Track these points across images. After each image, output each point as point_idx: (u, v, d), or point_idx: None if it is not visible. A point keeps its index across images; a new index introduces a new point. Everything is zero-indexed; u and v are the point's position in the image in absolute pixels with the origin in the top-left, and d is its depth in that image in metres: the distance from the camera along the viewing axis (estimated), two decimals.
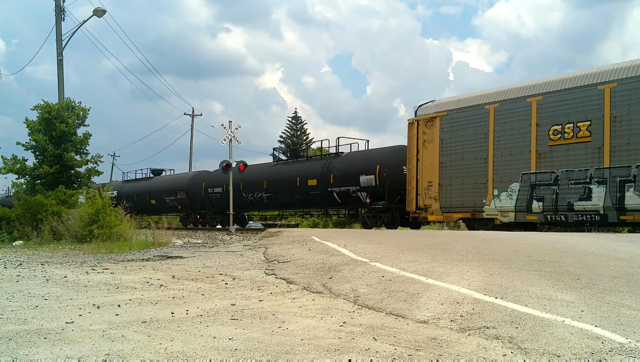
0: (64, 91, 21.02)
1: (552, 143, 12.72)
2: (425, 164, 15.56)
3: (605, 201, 11.71)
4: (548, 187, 12.73)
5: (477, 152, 14.32)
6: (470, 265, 6.13)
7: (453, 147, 14.90)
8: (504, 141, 13.76)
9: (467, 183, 14.49)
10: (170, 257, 9.90)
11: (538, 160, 12.93)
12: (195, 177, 27.29)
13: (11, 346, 3.65)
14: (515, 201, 13.38)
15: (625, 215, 11.37)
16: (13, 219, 17.84)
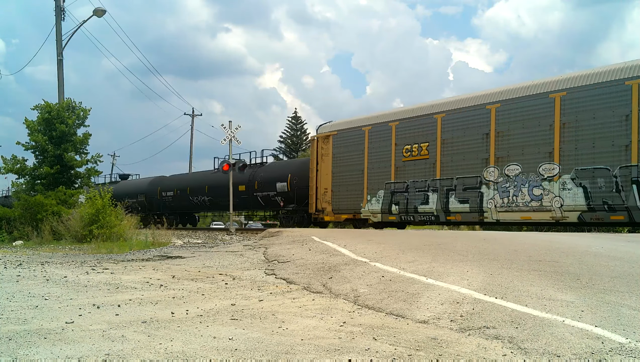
0: (64, 91, 21.05)
1: (404, 159, 16.11)
2: (323, 174, 18.65)
3: (437, 205, 15.01)
4: (402, 194, 16.08)
5: (357, 165, 17.54)
6: (470, 265, 6.13)
7: (342, 161, 18.13)
8: (374, 157, 17.04)
9: (350, 190, 17.76)
10: (170, 257, 9.91)
11: (396, 172, 16.33)
12: (153, 182, 30.34)
13: (11, 346, 3.65)
14: (381, 205, 16.65)
15: (450, 216, 14.80)
16: (13, 219, 17.85)
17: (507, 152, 13.63)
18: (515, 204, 13.35)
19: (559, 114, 12.58)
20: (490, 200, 13.85)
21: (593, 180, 12.08)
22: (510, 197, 13.49)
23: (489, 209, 13.91)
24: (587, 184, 12.19)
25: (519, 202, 13.29)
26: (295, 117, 53.13)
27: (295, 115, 53.47)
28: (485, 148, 14.07)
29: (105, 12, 21.53)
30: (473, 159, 14.32)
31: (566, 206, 12.47)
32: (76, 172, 19.27)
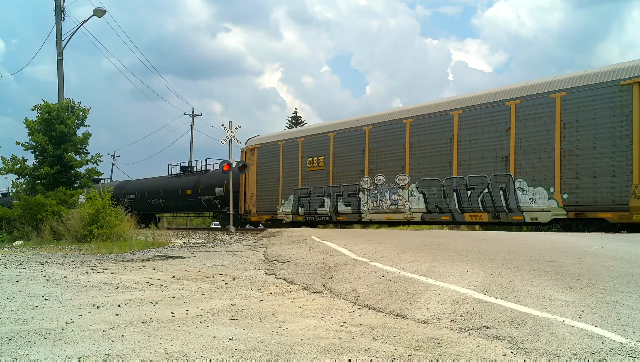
0: (64, 91, 21.05)
1: (308, 169, 19.14)
2: (250, 181, 21.74)
3: (330, 208, 18.22)
4: (306, 198, 19.14)
5: (274, 173, 20.67)
6: (470, 265, 6.13)
7: (264, 170, 21.22)
8: (287, 167, 20.11)
9: (270, 195, 20.83)
10: (170, 257, 9.91)
11: (302, 180, 19.40)
12: (119, 185, 32.75)
13: (11, 346, 3.65)
14: (291, 207, 19.76)
15: (339, 216, 18.06)
16: (13, 219, 17.85)
17: (376, 165, 16.94)
18: (381, 207, 16.58)
19: (409, 136, 16.03)
20: (365, 203, 17.01)
21: (429, 188, 15.36)
22: (377, 202, 16.73)
23: (364, 211, 17.04)
24: (426, 192, 15.49)
25: (383, 206, 16.52)
26: (295, 117, 53.15)
27: (295, 115, 53.49)
28: (362, 162, 17.30)
29: (105, 12, 21.53)
30: (354, 171, 17.56)
31: (413, 208, 15.70)
32: (76, 173, 19.27)
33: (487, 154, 14.01)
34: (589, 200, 12.17)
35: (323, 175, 18.50)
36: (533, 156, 13.12)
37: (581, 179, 12.30)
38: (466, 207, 14.46)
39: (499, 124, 13.77)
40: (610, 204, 11.81)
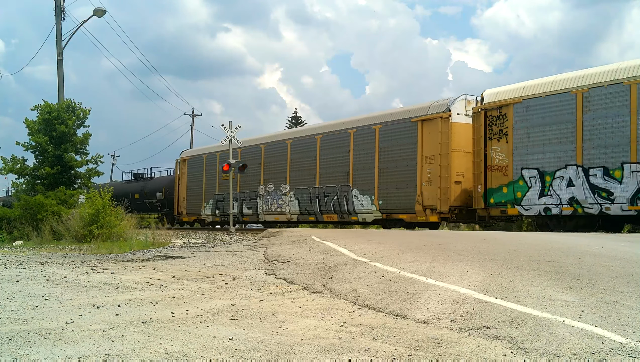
0: (64, 91, 21.04)
1: (222, 179, 23.06)
2: (182, 187, 26.79)
3: (238, 210, 22.45)
4: (221, 202, 23.85)
5: (199, 181, 25.64)
6: (470, 265, 6.13)
7: (192, 178, 26.24)
8: (208, 176, 25.02)
9: (196, 199, 25.79)
10: (170, 257, 9.90)
11: (218, 187, 24.22)
12: None
13: (11, 346, 3.65)
14: (211, 209, 24.56)
15: (244, 217, 22.90)
16: (13, 219, 17.84)
17: (268, 176, 21.33)
18: (271, 210, 21.04)
19: (289, 154, 20.53)
20: (261, 207, 21.55)
21: (302, 195, 19.64)
22: (269, 205, 21.12)
23: (260, 213, 21.60)
24: (299, 198, 19.71)
25: (273, 209, 20.95)
26: (296, 117, 53.14)
27: (295, 115, 53.49)
28: (259, 173, 21.72)
29: (105, 12, 21.50)
30: (254, 180, 22.01)
31: (292, 211, 20.01)
32: (76, 173, 19.27)
33: (337, 169, 18.36)
34: (394, 205, 16.37)
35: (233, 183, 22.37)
36: (363, 172, 17.41)
37: (389, 190, 16.60)
38: (324, 210, 18.77)
39: (344, 147, 18.19)
40: (405, 208, 16.06)
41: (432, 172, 15.28)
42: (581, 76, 12.61)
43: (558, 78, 13.13)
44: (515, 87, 13.96)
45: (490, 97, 14.23)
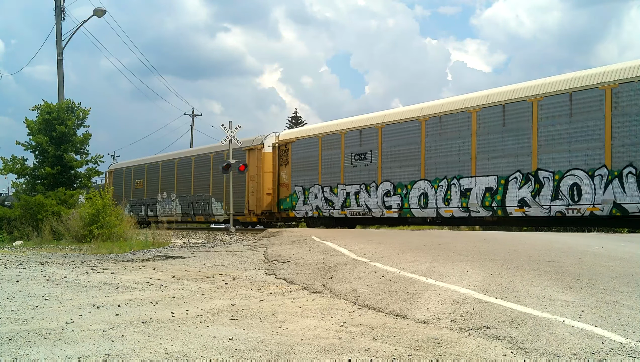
0: (64, 91, 21.03)
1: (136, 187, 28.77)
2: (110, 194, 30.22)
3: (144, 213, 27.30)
4: (134, 206, 28.03)
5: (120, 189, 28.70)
6: (471, 265, 6.13)
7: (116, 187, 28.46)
8: (126, 185, 29.14)
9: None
10: (170, 257, 9.90)
11: (132, 194, 28.78)
12: None
13: (11, 346, 3.65)
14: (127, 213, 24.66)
15: (148, 218, 26.80)
16: (13, 219, 17.84)
17: (164, 186, 26.74)
18: (165, 212, 26.04)
19: (176, 170, 26.10)
20: (159, 210, 26.56)
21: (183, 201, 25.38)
22: (164, 209, 26.30)
23: (159, 215, 26.27)
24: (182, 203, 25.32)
25: (166, 211, 26.01)
26: (296, 117, 53.14)
27: (295, 115, 53.50)
28: (158, 183, 26.91)
29: (105, 12, 21.50)
30: (155, 189, 27.27)
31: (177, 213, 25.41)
32: (76, 173, 19.27)
33: (204, 183, 24.10)
34: (234, 210, 20.03)
35: (142, 191, 28.25)
36: (217, 185, 23.18)
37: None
38: (196, 213, 24.46)
39: (207, 167, 23.90)
40: (240, 211, 21.41)
41: (254, 186, 21.32)
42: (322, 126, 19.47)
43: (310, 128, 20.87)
44: (295, 130, 22.71)
45: (282, 136, 20.91)
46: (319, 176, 18.39)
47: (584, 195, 12.16)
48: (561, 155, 12.65)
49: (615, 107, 11.62)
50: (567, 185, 12.44)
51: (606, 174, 11.81)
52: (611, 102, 11.64)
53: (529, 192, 13.20)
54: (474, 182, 14.22)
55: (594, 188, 12.01)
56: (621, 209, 11.59)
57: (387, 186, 16.41)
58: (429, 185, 15.31)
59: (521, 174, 13.36)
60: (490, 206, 13.87)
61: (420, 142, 15.56)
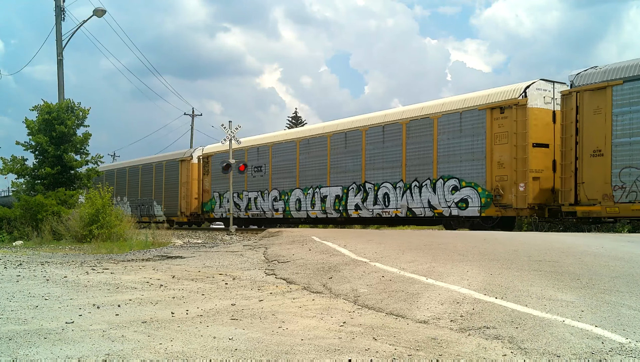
0: (64, 91, 21.01)
1: None
2: None
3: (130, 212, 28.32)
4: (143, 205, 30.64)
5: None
6: (471, 265, 6.13)
7: None
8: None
9: None
10: (170, 257, 9.90)
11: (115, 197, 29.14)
12: None
13: (11, 346, 3.65)
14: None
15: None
16: (13, 219, 17.83)
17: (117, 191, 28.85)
18: None
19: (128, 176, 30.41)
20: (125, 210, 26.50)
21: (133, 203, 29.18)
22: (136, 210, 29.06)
23: None
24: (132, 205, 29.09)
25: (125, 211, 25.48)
26: (296, 117, 53.17)
27: (295, 115, 53.55)
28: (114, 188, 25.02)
29: (105, 12, 21.46)
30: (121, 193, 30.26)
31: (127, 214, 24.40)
32: (76, 173, 19.25)
33: (148, 188, 28.25)
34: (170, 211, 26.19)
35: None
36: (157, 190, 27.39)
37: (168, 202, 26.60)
38: (143, 214, 27.75)
39: (151, 175, 28.09)
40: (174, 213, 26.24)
41: (184, 192, 25.68)
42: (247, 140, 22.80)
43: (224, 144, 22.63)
44: (215, 146, 24.87)
45: (206, 150, 25.06)
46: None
47: (391, 201, 16.55)
48: (378, 171, 16.94)
49: (408, 137, 16.09)
50: (382, 194, 16.80)
51: (402, 186, 16.16)
52: (405, 133, 16.19)
53: (360, 199, 17.54)
54: (329, 191, 18.64)
55: (397, 196, 16.33)
56: (412, 211, 15.89)
57: (275, 193, 20.93)
58: (301, 192, 19.73)
59: (356, 185, 17.69)
60: (339, 209, 18.24)
61: (295, 159, 20.15)
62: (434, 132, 15.34)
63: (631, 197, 11.52)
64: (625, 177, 11.58)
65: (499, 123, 13.84)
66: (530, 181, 13.27)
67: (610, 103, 11.81)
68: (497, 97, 14.15)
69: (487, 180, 14.02)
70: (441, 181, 15.10)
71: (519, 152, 13.42)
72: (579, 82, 12.48)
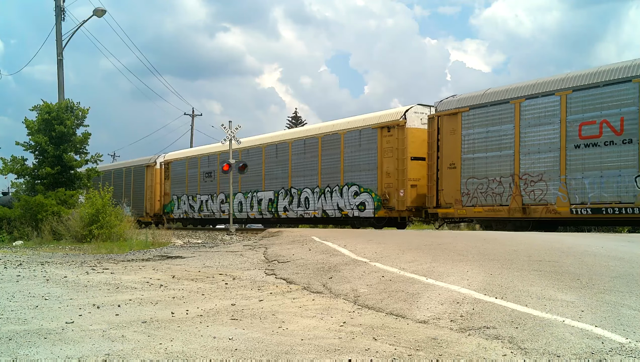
0: (64, 91, 21.00)
1: None
2: None
3: None
4: None
5: None
6: (471, 265, 6.13)
7: None
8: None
9: None
10: (170, 257, 9.90)
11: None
12: None
13: (11, 346, 3.65)
14: None
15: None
16: (13, 219, 17.83)
17: None
18: None
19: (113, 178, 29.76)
20: None
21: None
22: None
23: None
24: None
25: None
26: (296, 117, 53.18)
27: (295, 115, 53.57)
28: None
29: (105, 12, 21.43)
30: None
31: None
32: (76, 173, 19.24)
33: (120, 191, 28.01)
34: (137, 213, 26.27)
35: None
36: (128, 192, 28.78)
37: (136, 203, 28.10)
38: None
39: (121, 179, 29.55)
40: (141, 214, 27.05)
41: (149, 194, 28.27)
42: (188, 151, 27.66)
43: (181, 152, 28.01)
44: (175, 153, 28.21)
45: (167, 157, 27.84)
46: (186, 188, 25.52)
47: (310, 204, 19.09)
48: (301, 178, 19.50)
49: (323, 149, 18.77)
50: (304, 198, 19.35)
51: (319, 191, 18.73)
52: (321, 146, 18.84)
53: (287, 202, 20.00)
54: (264, 195, 21.34)
55: (315, 200, 18.88)
56: (326, 213, 18.46)
57: (222, 196, 23.45)
58: (243, 196, 22.47)
59: (284, 190, 20.13)
60: (271, 210, 20.81)
61: None
62: (341, 146, 18.24)
63: (474, 202, 14.19)
64: (470, 185, 14.28)
65: (386, 140, 16.59)
66: (408, 188, 16.06)
67: (460, 125, 14.56)
68: (386, 118, 16.87)
69: (379, 187, 16.74)
70: (346, 187, 17.92)
71: (400, 164, 16.19)
72: (440, 108, 15.27)
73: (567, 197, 12.29)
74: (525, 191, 13.12)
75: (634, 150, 11.25)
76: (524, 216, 13.17)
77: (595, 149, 11.93)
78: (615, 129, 11.63)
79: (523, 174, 13.15)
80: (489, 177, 13.87)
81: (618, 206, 11.51)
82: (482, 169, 14.02)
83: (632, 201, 11.26)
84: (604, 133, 11.79)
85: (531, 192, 13.03)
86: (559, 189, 12.45)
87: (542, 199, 12.75)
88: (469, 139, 14.30)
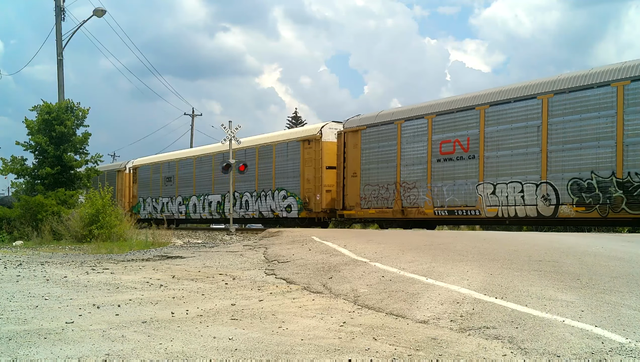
0: (64, 91, 21.00)
1: None
2: None
3: None
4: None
5: None
6: (471, 265, 6.13)
7: None
8: None
9: None
10: (170, 257, 9.90)
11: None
12: None
13: (11, 346, 3.65)
14: None
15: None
16: (13, 219, 17.83)
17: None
18: None
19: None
20: None
21: None
22: None
23: None
24: None
25: None
26: (296, 117, 53.15)
27: (295, 115, 53.56)
28: None
29: (105, 12, 21.44)
30: None
31: None
32: (76, 173, 19.24)
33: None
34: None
35: None
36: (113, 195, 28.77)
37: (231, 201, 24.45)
38: None
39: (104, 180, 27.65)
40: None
41: (120, 196, 29.41)
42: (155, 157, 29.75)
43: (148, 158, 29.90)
44: (142, 159, 30.18)
45: (135, 162, 30.05)
46: (150, 191, 28.28)
47: (250, 206, 21.92)
48: (243, 183, 22.01)
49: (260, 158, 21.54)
50: (244, 201, 22.14)
51: (256, 195, 21.57)
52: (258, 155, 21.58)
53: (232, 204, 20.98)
54: (213, 198, 23.96)
55: (253, 202, 21.73)
56: (261, 213, 21.25)
57: (180, 199, 26.16)
58: (196, 199, 25.02)
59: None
60: (219, 212, 23.41)
61: (193, 173, 25.56)
62: (273, 156, 21.06)
63: (369, 205, 16.95)
64: (366, 191, 17.04)
65: (307, 151, 19.36)
66: (324, 193, 18.80)
67: (360, 141, 17.29)
68: (307, 133, 19.96)
69: (301, 191, 19.47)
70: (277, 192, 20.70)
71: (318, 172, 18.90)
72: (347, 125, 17.96)
73: (432, 201, 15.14)
74: (404, 196, 15.95)
75: (476, 164, 14.16)
76: (403, 216, 15.96)
77: (450, 162, 14.79)
78: (464, 147, 14.50)
79: (403, 182, 16.03)
80: (380, 184, 16.67)
81: (465, 208, 14.39)
82: (375, 178, 16.87)
83: (474, 204, 14.13)
84: (456, 150, 14.68)
85: (408, 197, 15.84)
86: (426, 194, 15.35)
87: (415, 202, 15.65)
88: (366, 152, 17.17)
